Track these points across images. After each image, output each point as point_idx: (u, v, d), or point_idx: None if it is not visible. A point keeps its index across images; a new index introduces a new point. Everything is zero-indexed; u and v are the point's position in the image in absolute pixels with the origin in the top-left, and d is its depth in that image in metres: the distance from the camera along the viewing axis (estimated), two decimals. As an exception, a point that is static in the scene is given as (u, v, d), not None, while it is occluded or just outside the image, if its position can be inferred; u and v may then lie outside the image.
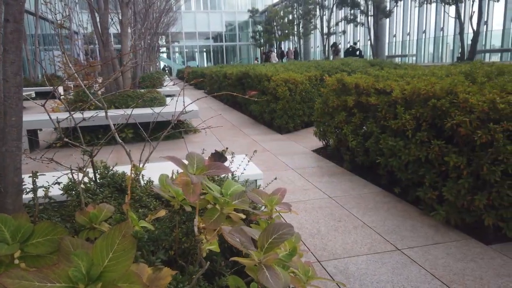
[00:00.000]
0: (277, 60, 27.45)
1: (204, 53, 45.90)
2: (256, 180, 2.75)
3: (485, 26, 18.89)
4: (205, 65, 40.74)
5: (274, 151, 5.57)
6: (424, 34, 23.31)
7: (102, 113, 2.24)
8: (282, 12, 30.83)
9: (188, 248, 1.49)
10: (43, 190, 1.72)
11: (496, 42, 18.99)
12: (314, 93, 7.10)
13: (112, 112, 4.62)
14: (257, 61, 28.53)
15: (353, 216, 3.17)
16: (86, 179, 1.98)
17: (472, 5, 15.92)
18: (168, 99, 7.89)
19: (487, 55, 18.73)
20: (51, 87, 1.75)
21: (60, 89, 13.39)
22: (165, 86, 14.53)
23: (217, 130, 7.42)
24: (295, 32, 30.32)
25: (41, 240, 1.19)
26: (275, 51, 31.35)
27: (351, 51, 20.29)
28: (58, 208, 1.73)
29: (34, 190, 1.51)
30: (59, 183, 1.77)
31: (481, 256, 2.48)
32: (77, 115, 2.16)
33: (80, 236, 1.37)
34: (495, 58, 18.62)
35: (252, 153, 2.32)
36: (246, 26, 43.47)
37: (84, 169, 1.78)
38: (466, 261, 2.43)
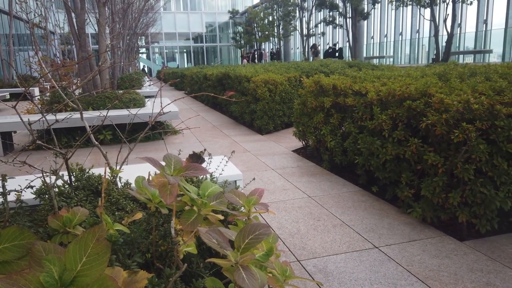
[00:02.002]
0: (256, 62, 27.61)
1: (185, 54, 45.57)
2: (235, 181, 2.74)
3: (458, 28, 19.43)
4: (185, 66, 40.44)
5: (255, 151, 5.58)
6: (400, 36, 23.79)
7: (77, 115, 2.20)
8: (262, 14, 30.92)
9: (165, 251, 1.48)
10: (15, 194, 1.68)
11: (470, 44, 19.55)
12: (294, 94, 7.15)
13: (89, 114, 4.53)
14: (246, 60, 28.49)
15: (332, 215, 3.21)
16: (60, 182, 1.94)
17: (446, 8, 16.36)
18: (148, 100, 7.80)
19: (461, 56, 19.26)
20: (24, 88, 1.71)
21: (37, 90, 13.05)
22: (147, 86, 14.37)
23: (197, 131, 7.37)
24: (275, 34, 30.46)
25: (8, 246, 1.15)
26: (257, 53, 31.47)
27: (331, 52, 20.52)
28: (31, 212, 1.69)
29: (4, 194, 1.47)
30: (32, 187, 1.73)
31: (456, 252, 2.55)
32: (52, 116, 2.11)
33: (53, 240, 1.33)
34: (469, 59, 19.16)
35: (231, 153, 2.32)
36: (226, 27, 43.38)
37: (58, 172, 1.74)
38: (441, 257, 2.50)
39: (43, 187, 1.81)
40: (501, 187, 2.63)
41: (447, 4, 16.14)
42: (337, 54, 20.37)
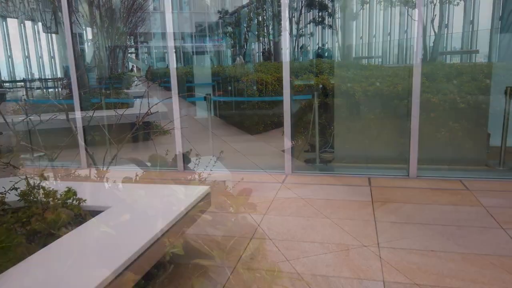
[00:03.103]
0: (243, 62, 27.58)
1: (174, 54, 45.32)
2: (224, 181, 2.73)
3: (446, 29, 19.67)
4: (175, 66, 40.13)
5: (244, 151, 5.57)
6: (389, 37, 24.02)
7: (63, 115, 2.17)
8: (252, 14, 30.97)
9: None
10: (-1, 196, 1.65)
11: (457, 44, 19.80)
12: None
13: (76, 114, 4.47)
14: (240, 58, 28.39)
15: (321, 215, 3.22)
16: (45, 183, 1.90)
17: (434, 8, 16.54)
18: (135, 100, 7.74)
19: (448, 56, 19.48)
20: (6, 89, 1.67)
21: (23, 91, 12.86)
22: (135, 86, 14.23)
23: (187, 132, 7.32)
24: (265, 34, 30.53)
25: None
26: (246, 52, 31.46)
27: (320, 53, 20.60)
28: (14, 213, 1.66)
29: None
30: (16, 189, 1.70)
31: (444, 250, 2.58)
32: (38, 117, 2.08)
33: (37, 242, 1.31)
34: (456, 59, 19.38)
35: (219, 153, 2.31)
36: (216, 27, 43.30)
37: (43, 173, 1.71)
38: (429, 256, 2.52)
39: (28, 188, 1.77)
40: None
41: (434, 5, 16.34)
42: (326, 54, 20.46)
